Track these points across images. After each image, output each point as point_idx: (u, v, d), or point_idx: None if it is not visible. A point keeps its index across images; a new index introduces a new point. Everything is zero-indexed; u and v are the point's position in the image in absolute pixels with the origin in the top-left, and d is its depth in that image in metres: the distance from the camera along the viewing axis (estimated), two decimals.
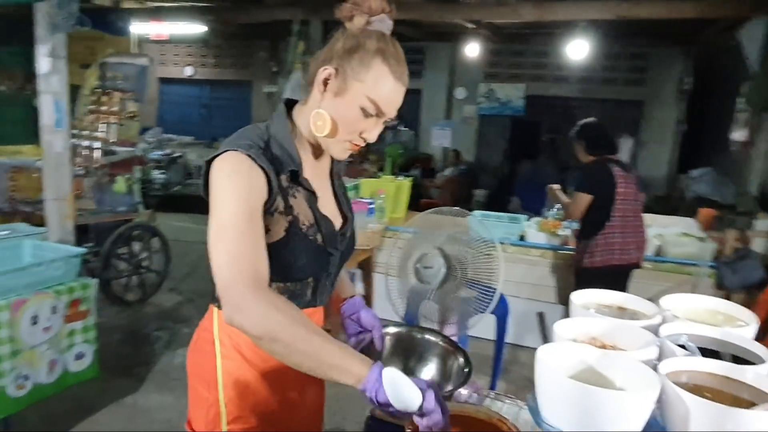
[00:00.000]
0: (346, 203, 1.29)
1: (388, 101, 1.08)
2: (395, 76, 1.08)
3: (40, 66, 3.16)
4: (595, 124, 3.17)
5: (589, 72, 8.49)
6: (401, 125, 9.79)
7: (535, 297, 3.72)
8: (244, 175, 1.02)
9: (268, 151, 1.09)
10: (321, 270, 1.19)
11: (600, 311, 1.35)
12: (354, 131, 1.10)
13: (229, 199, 0.99)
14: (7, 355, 2.15)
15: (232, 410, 1.17)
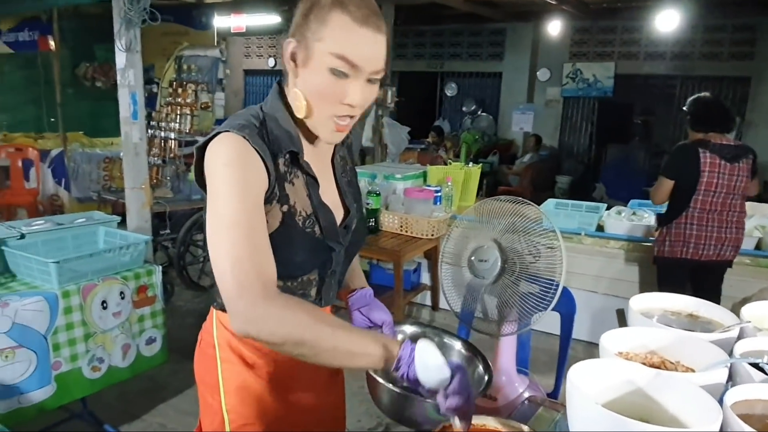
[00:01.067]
0: (350, 194, 1.17)
1: (358, 51, 0.92)
2: (359, 21, 0.92)
3: (117, 61, 3.31)
4: (705, 99, 2.90)
5: (687, 47, 7.78)
6: (480, 110, 9.52)
7: (614, 293, 3.45)
8: (242, 163, 0.93)
9: (264, 130, 0.99)
10: (323, 267, 1.09)
11: (665, 319, 1.17)
12: (333, 101, 0.96)
13: (228, 193, 0.90)
14: (81, 338, 2.26)
15: (236, 418, 1.11)
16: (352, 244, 1.16)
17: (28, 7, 4.14)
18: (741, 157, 2.74)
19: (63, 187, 5.21)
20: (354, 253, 1.20)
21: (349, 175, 1.20)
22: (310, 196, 1.05)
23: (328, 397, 1.25)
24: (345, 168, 1.19)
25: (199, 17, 6.43)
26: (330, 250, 1.09)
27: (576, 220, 3.57)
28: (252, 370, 1.11)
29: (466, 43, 9.43)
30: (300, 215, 1.03)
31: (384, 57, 0.96)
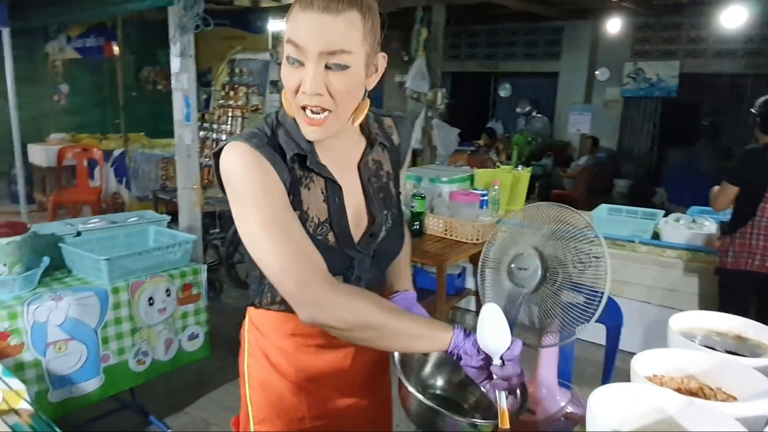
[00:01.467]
0: (379, 200, 1.12)
1: (301, 33, 0.90)
2: (304, 7, 0.90)
3: (172, 65, 3.43)
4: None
5: (760, 44, 7.31)
6: (535, 111, 9.29)
7: (669, 304, 3.27)
8: (257, 168, 0.94)
9: (274, 138, 1.00)
10: (345, 273, 1.07)
11: (708, 340, 1.09)
12: (293, 91, 0.94)
13: (254, 197, 0.93)
14: (128, 332, 2.35)
15: (257, 412, 1.16)
16: (381, 252, 1.13)
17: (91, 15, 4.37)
18: None
19: (124, 185, 5.46)
20: (384, 261, 1.17)
21: (382, 180, 1.14)
22: (328, 201, 1.03)
23: (364, 401, 1.22)
24: (378, 173, 1.13)
25: (254, 21, 6.59)
26: (349, 258, 1.07)
27: (630, 227, 3.40)
28: (274, 369, 1.13)
29: (521, 42, 9.22)
30: (312, 221, 1.02)
31: (339, 37, 0.90)
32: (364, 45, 0.94)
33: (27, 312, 2.04)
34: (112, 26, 5.59)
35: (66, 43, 6.24)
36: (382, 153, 1.15)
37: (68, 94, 6.65)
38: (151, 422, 2.64)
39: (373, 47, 0.97)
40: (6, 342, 2.02)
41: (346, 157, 1.08)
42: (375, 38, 0.97)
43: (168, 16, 3.36)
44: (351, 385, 1.19)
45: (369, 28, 0.95)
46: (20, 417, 1.33)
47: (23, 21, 4.11)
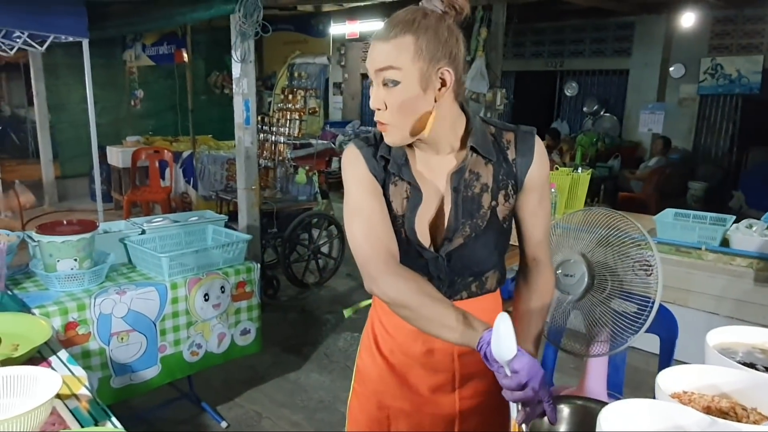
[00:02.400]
0: (463, 208, 1.15)
1: (369, 59, 1.09)
2: (373, 40, 1.10)
3: (233, 70, 3.57)
4: None
5: None
6: (603, 110, 8.94)
7: (740, 316, 3.07)
8: (357, 164, 1.17)
9: (378, 142, 1.18)
10: (422, 270, 1.18)
11: (750, 356, 1.02)
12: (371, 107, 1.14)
13: (355, 185, 1.16)
14: (184, 325, 2.47)
15: (358, 374, 1.37)
16: (457, 258, 1.18)
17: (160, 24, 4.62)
18: None
19: (192, 185, 5.73)
20: (461, 268, 1.20)
21: (474, 190, 1.16)
22: (408, 200, 1.17)
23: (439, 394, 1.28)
24: (472, 183, 1.16)
25: (316, 25, 6.74)
26: (418, 254, 1.18)
27: (697, 233, 3.21)
28: (377, 346, 1.32)
29: (588, 39, 8.90)
30: (394, 212, 1.18)
31: (386, 55, 1.05)
32: (416, 62, 1.04)
33: (94, 304, 2.19)
34: (182, 34, 5.88)
35: (141, 51, 6.64)
36: (483, 165, 1.17)
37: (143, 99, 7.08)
38: (207, 412, 2.77)
39: (432, 63, 1.05)
40: (75, 331, 2.18)
41: (439, 165, 1.18)
42: (433, 55, 1.05)
43: (230, 23, 3.50)
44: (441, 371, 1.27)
45: (423, 46, 1.04)
46: (80, 402, 1.42)
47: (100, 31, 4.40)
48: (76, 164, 7.08)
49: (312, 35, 6.79)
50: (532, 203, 1.22)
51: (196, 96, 6.14)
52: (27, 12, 3.78)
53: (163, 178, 5.90)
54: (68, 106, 6.90)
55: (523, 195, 1.21)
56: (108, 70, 6.80)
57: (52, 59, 6.49)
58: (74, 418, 1.31)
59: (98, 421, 1.32)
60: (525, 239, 1.29)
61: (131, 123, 7.14)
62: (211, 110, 6.57)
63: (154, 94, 6.86)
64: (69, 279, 2.22)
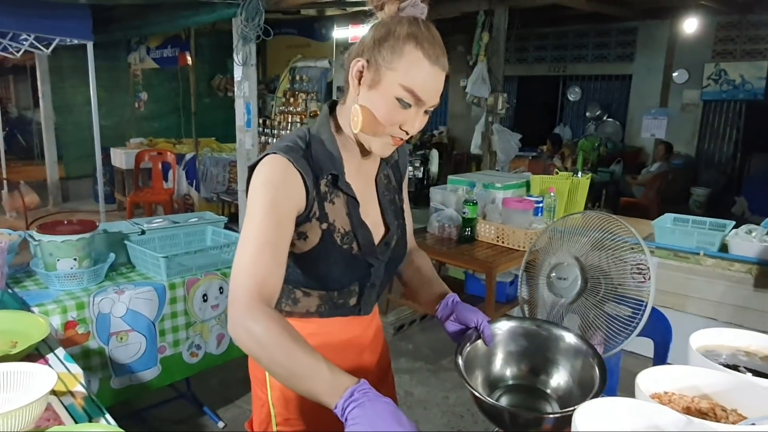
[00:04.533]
0: (392, 212, 1.20)
1: (425, 88, 0.98)
2: (430, 60, 0.97)
3: (235, 73, 3.60)
4: None
5: None
6: (606, 115, 8.95)
7: (738, 322, 3.06)
8: (278, 183, 0.99)
9: (309, 152, 1.05)
10: (363, 279, 1.13)
11: (734, 359, 1.03)
12: (393, 124, 1.01)
13: (258, 210, 0.98)
14: (183, 326, 2.49)
15: (280, 412, 1.18)
16: (392, 260, 1.20)
17: (163, 27, 4.66)
18: None
19: (194, 187, 5.77)
20: (395, 267, 1.24)
21: (392, 194, 1.23)
22: (350, 215, 1.10)
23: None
24: (389, 186, 1.22)
25: (319, 29, 6.76)
26: (369, 266, 1.13)
27: (695, 238, 3.21)
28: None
29: (591, 44, 8.91)
30: (339, 232, 1.08)
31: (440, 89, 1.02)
32: None
33: (93, 303, 2.21)
34: (186, 37, 5.93)
35: (146, 53, 6.69)
36: (389, 169, 1.23)
37: (147, 101, 7.13)
38: (205, 412, 2.78)
39: None
40: (74, 330, 2.20)
41: (366, 171, 1.17)
42: None
43: (232, 27, 3.53)
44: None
45: None
46: (75, 399, 1.44)
47: (105, 35, 4.44)
48: (80, 165, 7.14)
49: (315, 39, 6.81)
50: (405, 198, 1.30)
51: (200, 99, 6.17)
52: (33, 15, 3.83)
53: (165, 180, 5.93)
54: (73, 108, 6.97)
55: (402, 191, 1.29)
56: (112, 73, 6.85)
57: (58, 62, 6.55)
58: (69, 414, 1.33)
59: (92, 417, 1.34)
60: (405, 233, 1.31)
61: (135, 125, 7.19)
62: (214, 113, 6.60)
63: (157, 97, 6.91)
64: (68, 278, 2.24)
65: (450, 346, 1.14)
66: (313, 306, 1.14)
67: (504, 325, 1.25)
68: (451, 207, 3.64)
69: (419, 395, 3.04)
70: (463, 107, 8.99)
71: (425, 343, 3.72)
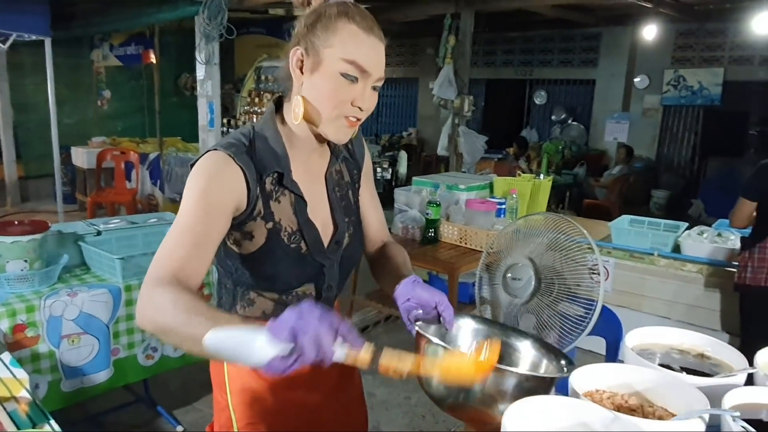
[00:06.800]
0: (342, 209, 1.18)
1: (366, 58, 0.99)
2: (365, 30, 0.99)
3: (197, 72, 3.55)
4: None
5: None
6: (570, 119, 9.13)
7: (690, 320, 3.16)
8: (213, 174, 0.98)
9: (252, 149, 1.03)
10: (317, 280, 1.12)
11: (667, 357, 1.07)
12: (343, 102, 1.00)
13: (187, 199, 0.96)
14: (139, 328, 2.44)
15: (241, 417, 1.16)
16: (346, 258, 1.18)
17: (126, 25, 4.58)
18: None
19: (158, 188, 5.67)
20: (350, 267, 1.22)
21: (344, 189, 1.20)
22: (297, 213, 1.08)
23: (338, 398, 1.26)
24: (340, 183, 1.20)
25: (288, 29, 6.71)
26: (320, 266, 1.11)
27: (650, 239, 3.31)
28: (255, 373, 1.14)
29: (557, 49, 9.09)
30: (285, 231, 1.06)
31: (383, 63, 1.01)
32: None
33: (44, 306, 2.16)
34: (151, 35, 5.83)
35: (109, 51, 6.54)
36: (341, 164, 1.21)
37: (110, 100, 6.97)
38: (163, 416, 2.74)
39: None
40: (23, 334, 2.14)
41: (315, 168, 1.14)
42: None
43: (195, 25, 3.49)
44: (326, 385, 1.23)
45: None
46: (19, 404, 1.41)
47: (65, 31, 4.33)
48: (40, 165, 6.94)
49: (284, 39, 6.77)
50: (369, 190, 1.27)
51: (165, 97, 6.07)
52: None
53: (129, 180, 5.81)
54: (33, 106, 6.77)
55: (363, 183, 1.25)
56: (74, 70, 6.67)
57: (17, 58, 6.36)
58: (11, 420, 1.30)
59: (36, 424, 1.31)
60: (371, 225, 1.29)
61: (98, 123, 7.03)
62: (180, 112, 6.49)
63: (121, 95, 6.77)
64: (19, 280, 2.18)
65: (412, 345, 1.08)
66: (269, 308, 1.12)
67: (468, 324, 1.24)
68: (415, 208, 3.66)
69: (381, 396, 3.05)
70: (432, 109, 9.06)
71: (389, 343, 3.70)
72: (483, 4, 5.48)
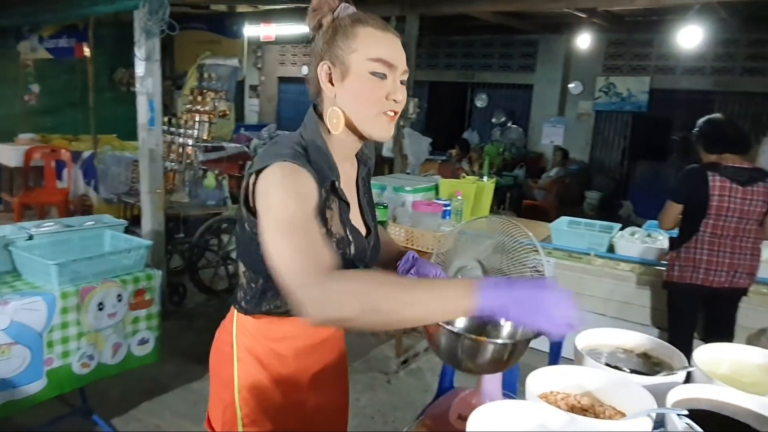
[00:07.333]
0: (369, 212, 1.26)
1: (390, 52, 1.06)
2: (381, 29, 1.07)
3: (137, 69, 3.42)
4: (717, 119, 2.81)
5: (729, 62, 7.52)
6: (510, 122, 9.41)
7: (624, 316, 3.34)
8: (297, 181, 0.99)
9: (308, 158, 1.06)
10: None
11: (613, 357, 1.13)
12: (380, 99, 1.06)
13: (286, 201, 0.96)
14: (74, 336, 2.33)
15: (248, 413, 1.19)
16: (372, 258, 1.25)
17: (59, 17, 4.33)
18: (757, 181, 2.63)
19: (93, 188, 5.40)
20: (371, 265, 1.29)
21: (367, 193, 1.29)
22: (343, 220, 1.13)
23: (333, 396, 1.33)
24: (364, 187, 1.27)
25: (230, 26, 6.58)
26: (354, 267, 1.17)
27: (587, 240, 3.47)
28: (266, 370, 1.19)
29: (497, 54, 9.35)
30: (335, 237, 1.12)
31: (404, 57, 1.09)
32: None
33: None
34: (84, 27, 5.54)
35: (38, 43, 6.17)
36: (366, 171, 1.29)
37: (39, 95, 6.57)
38: (100, 426, 2.62)
39: None
40: None
41: (349, 174, 1.21)
42: None
43: (134, 20, 3.35)
44: (324, 382, 1.28)
45: None
46: None
47: None
48: None
49: (226, 36, 6.63)
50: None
51: (100, 93, 5.78)
52: None
53: (60, 180, 5.51)
54: None
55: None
56: None
57: None
58: None
59: None
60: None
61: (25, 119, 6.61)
62: (116, 109, 6.20)
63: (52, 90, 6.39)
64: None
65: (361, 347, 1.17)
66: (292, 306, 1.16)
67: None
68: None
69: None
70: None
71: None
72: (427, 8, 5.56)
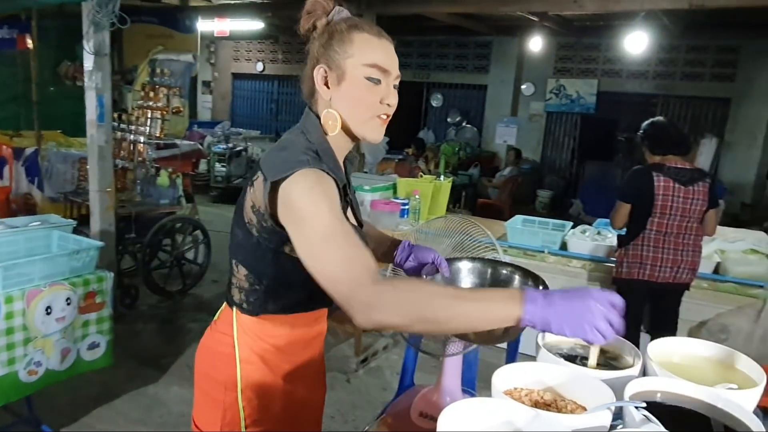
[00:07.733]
0: (358, 209, 1.31)
1: (385, 58, 1.10)
2: (376, 35, 1.11)
3: (85, 63, 3.29)
4: (661, 122, 2.95)
5: (669, 67, 7.88)
6: (465, 122, 9.55)
7: None
8: (326, 187, 1.02)
9: (322, 161, 1.08)
10: None
11: (573, 351, 1.17)
12: (374, 103, 1.10)
13: (318, 210, 0.98)
14: (20, 342, 2.23)
15: (251, 413, 1.19)
16: None
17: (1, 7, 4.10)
18: (697, 181, 2.77)
19: (36, 186, 5.15)
20: None
21: (353, 192, 1.33)
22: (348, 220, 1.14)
23: (316, 389, 1.37)
24: (351, 186, 1.31)
25: (183, 20, 6.41)
26: None
27: (541, 238, 3.57)
28: (268, 369, 1.20)
29: (452, 54, 9.48)
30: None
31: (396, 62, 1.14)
32: None
33: None
34: (26, 18, 5.28)
35: None
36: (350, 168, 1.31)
37: None
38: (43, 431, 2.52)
39: None
40: None
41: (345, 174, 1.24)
42: None
43: (82, 12, 3.22)
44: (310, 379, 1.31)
45: None
46: None
47: None
48: None
49: (178, 30, 6.44)
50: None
51: (44, 87, 5.52)
52: None
53: (0, 178, 5.24)
54: None
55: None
56: None
57: None
58: None
59: None
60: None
61: None
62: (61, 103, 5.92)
63: None
64: None
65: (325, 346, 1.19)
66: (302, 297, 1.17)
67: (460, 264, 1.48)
68: None
69: None
70: None
71: None
72: (384, 8, 5.58)
